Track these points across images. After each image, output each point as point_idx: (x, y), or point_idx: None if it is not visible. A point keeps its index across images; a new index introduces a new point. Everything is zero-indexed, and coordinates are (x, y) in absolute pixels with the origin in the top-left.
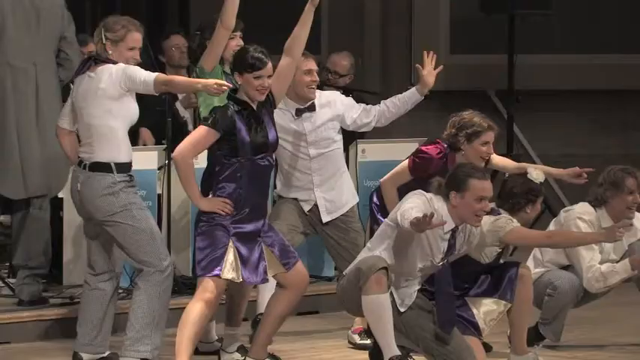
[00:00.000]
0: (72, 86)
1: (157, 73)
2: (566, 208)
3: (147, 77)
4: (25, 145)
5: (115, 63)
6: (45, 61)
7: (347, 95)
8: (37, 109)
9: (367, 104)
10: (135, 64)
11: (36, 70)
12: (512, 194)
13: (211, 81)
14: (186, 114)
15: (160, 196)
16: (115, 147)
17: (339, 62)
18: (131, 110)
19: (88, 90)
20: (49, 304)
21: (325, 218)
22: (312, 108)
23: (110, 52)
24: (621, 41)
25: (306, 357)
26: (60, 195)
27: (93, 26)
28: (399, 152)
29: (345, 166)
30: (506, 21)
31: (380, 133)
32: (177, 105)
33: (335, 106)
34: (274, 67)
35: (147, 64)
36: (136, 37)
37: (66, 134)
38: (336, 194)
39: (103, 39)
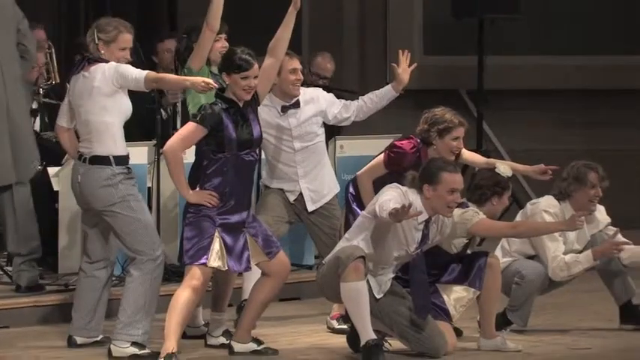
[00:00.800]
0: (68, 86)
1: (147, 71)
2: (532, 202)
3: (138, 75)
4: None
5: (107, 62)
6: (7, 55)
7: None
8: (7, 101)
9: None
10: (125, 63)
11: (0, 64)
12: (479, 186)
13: (199, 79)
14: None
15: (149, 189)
16: (112, 141)
17: (324, 65)
18: (124, 106)
19: (84, 89)
20: (46, 290)
21: (310, 207)
22: (296, 105)
23: (102, 52)
24: (585, 43)
25: (288, 341)
26: (55, 188)
27: (86, 27)
28: (375, 148)
29: (327, 158)
30: (476, 25)
31: (357, 129)
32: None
33: (318, 103)
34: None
35: (136, 63)
36: (127, 38)
37: (64, 131)
38: (319, 184)
39: (96, 39)
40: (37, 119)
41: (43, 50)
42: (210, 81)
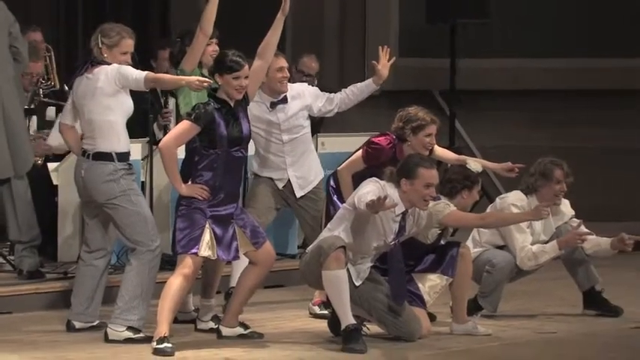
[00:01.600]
0: (65, 88)
1: (146, 72)
2: (501, 196)
3: (138, 75)
4: None
5: (109, 65)
6: (0, 57)
7: None
8: (2, 100)
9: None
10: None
11: None
12: (450, 180)
13: (193, 78)
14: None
15: (143, 183)
16: (115, 138)
17: (310, 64)
18: (126, 104)
19: (87, 90)
20: (46, 278)
21: (299, 193)
22: (284, 100)
23: (105, 55)
24: (553, 46)
25: (273, 325)
26: (55, 182)
27: (84, 31)
28: (354, 144)
29: (313, 146)
30: (448, 29)
31: (336, 128)
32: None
33: (304, 98)
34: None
35: (132, 66)
36: (129, 43)
37: (68, 129)
38: (306, 171)
39: (100, 43)
40: (35, 118)
41: (41, 51)
42: (205, 79)
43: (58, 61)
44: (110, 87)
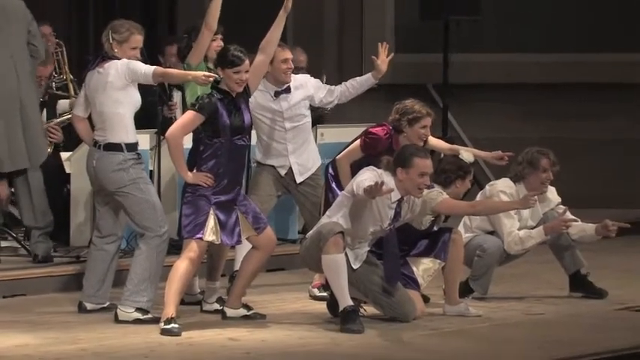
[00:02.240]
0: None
1: (154, 67)
2: (490, 183)
3: (146, 70)
4: (10, 126)
5: (119, 59)
6: (20, 53)
7: None
8: (20, 94)
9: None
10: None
11: (14, 60)
12: (444, 170)
13: (200, 73)
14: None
15: (151, 172)
16: (124, 130)
17: (298, 57)
18: (134, 98)
19: (98, 83)
20: (55, 262)
21: (299, 179)
22: (287, 90)
23: (116, 50)
24: (542, 42)
25: (274, 307)
26: (67, 171)
27: (95, 27)
28: (352, 135)
29: (312, 136)
30: (441, 25)
31: (335, 119)
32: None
33: (306, 88)
34: (250, 63)
35: (141, 61)
36: (138, 39)
37: (80, 120)
38: (305, 159)
39: (110, 39)
40: (45, 110)
41: (51, 43)
42: (210, 74)
43: (69, 56)
44: (120, 81)
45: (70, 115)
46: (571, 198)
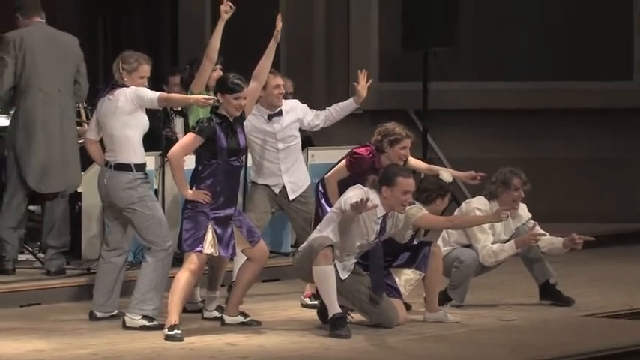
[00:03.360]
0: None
1: (159, 92)
2: (467, 201)
3: (152, 95)
4: (50, 152)
5: (128, 87)
6: (66, 88)
7: None
8: (61, 125)
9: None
10: None
11: (60, 94)
12: (426, 190)
13: (200, 96)
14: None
15: (156, 191)
16: (132, 151)
17: (285, 83)
18: (142, 121)
19: (108, 109)
20: (71, 274)
21: (291, 196)
22: (279, 113)
23: (126, 79)
24: (512, 71)
25: (269, 314)
26: (79, 190)
27: (104, 55)
28: (340, 156)
29: (302, 157)
30: (421, 56)
31: (325, 142)
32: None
33: (296, 112)
34: None
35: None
36: (146, 69)
37: (92, 143)
38: (297, 177)
39: (120, 69)
40: None
41: None
42: (210, 96)
43: None
44: (129, 106)
45: (82, 140)
46: (541, 214)
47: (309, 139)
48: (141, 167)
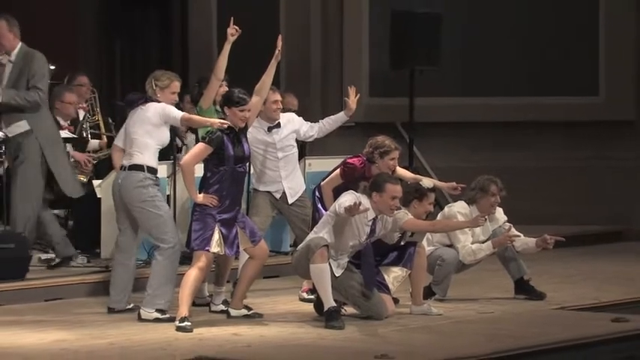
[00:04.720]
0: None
1: (183, 112)
2: (449, 205)
3: (177, 114)
4: (67, 164)
5: (159, 102)
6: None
7: None
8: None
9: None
10: (173, 104)
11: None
12: (404, 192)
13: (217, 121)
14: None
15: (168, 196)
16: (147, 156)
17: (292, 101)
18: (164, 135)
19: (138, 118)
20: (90, 271)
21: (291, 200)
22: (278, 125)
23: (159, 95)
24: (490, 87)
25: (270, 307)
26: (98, 195)
27: (121, 78)
28: (334, 165)
29: (298, 164)
30: (408, 73)
31: (320, 151)
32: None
33: (293, 123)
34: None
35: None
36: (177, 85)
37: (119, 150)
38: (295, 183)
39: (154, 86)
40: (69, 146)
41: (87, 90)
42: (225, 121)
43: (100, 101)
44: (155, 119)
45: (106, 152)
46: (516, 217)
47: (303, 148)
48: (152, 170)
